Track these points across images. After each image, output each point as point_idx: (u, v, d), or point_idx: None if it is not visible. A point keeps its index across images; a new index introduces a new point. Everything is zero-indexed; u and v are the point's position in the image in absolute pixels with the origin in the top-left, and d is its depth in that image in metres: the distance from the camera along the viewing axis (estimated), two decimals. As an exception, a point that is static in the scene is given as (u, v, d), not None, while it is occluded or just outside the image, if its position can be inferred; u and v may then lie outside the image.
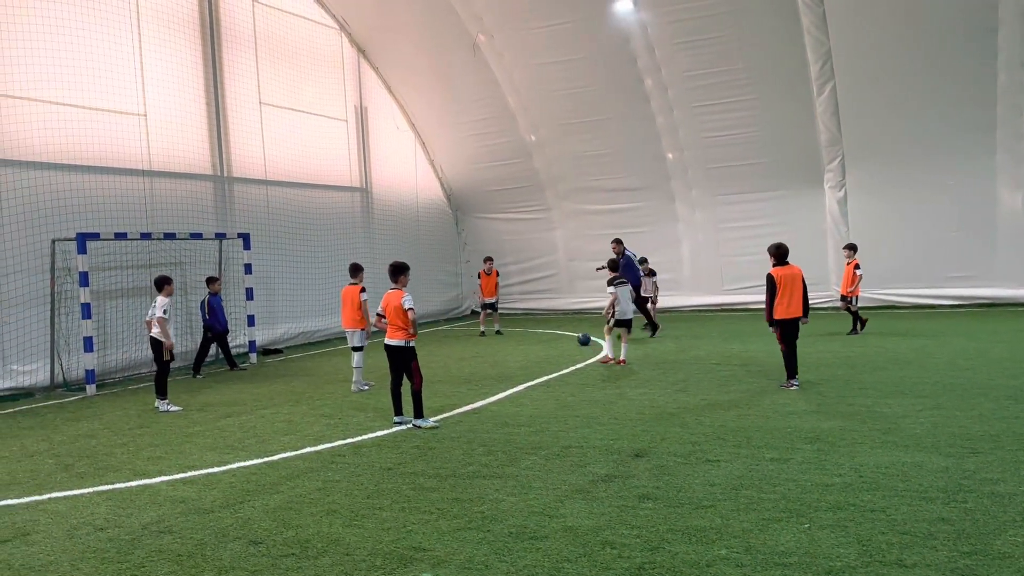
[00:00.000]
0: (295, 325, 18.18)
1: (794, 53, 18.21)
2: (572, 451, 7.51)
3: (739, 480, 6.32)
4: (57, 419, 10.65)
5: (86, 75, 13.83)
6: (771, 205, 20.46)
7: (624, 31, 19.10)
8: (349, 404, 10.66)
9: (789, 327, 10.08)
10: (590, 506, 5.88)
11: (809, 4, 17.27)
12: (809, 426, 8.02)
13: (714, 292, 21.59)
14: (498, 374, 12.65)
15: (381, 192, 21.51)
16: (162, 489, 6.96)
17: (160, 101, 15.23)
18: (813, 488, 6.06)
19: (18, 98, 12.90)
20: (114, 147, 14.33)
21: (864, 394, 9.55)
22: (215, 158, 16.46)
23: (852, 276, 15.31)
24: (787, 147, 19.72)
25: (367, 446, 8.20)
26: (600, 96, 20.43)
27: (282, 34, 18.30)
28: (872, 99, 18.33)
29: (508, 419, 9.13)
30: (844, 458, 6.82)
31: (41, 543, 5.72)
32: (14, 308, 12.73)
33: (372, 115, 21.32)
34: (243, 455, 8.06)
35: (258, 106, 17.58)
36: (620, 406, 9.52)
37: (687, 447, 7.41)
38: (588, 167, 21.94)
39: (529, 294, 24.03)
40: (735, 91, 19.17)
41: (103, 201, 13.94)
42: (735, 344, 14.69)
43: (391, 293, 9.04)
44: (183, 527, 5.89)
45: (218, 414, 10.39)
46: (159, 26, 15.30)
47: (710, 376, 11.35)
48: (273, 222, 17.64)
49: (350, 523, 5.81)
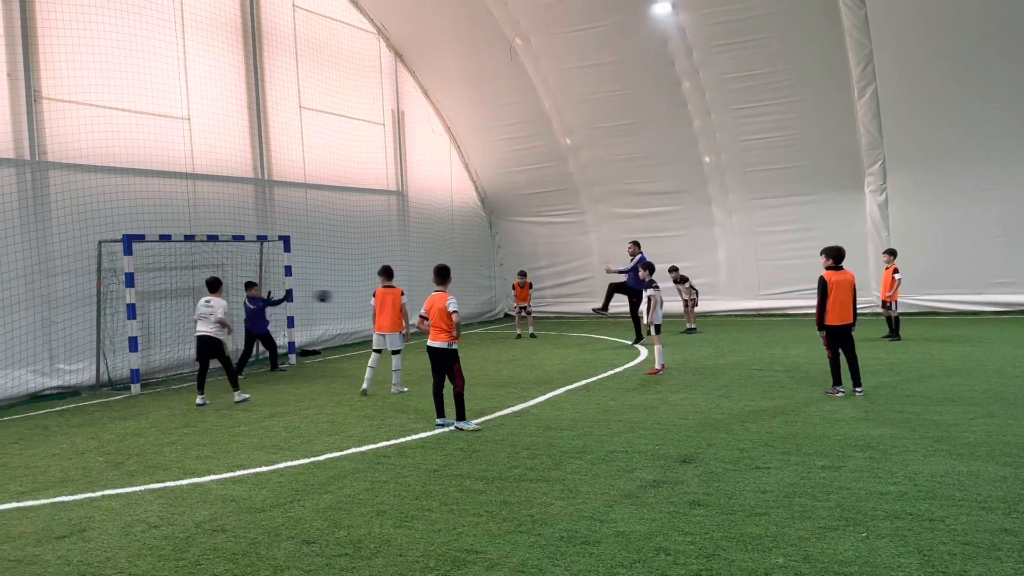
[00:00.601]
0: (332, 327, 18.33)
1: (835, 55, 18.00)
2: (618, 456, 7.47)
3: (791, 488, 6.24)
4: (104, 417, 10.83)
5: (132, 79, 14.09)
6: (810, 209, 20.23)
7: (662, 34, 19.01)
8: (390, 405, 10.71)
9: (838, 333, 9.92)
10: (640, 512, 5.84)
11: (851, 6, 17.06)
12: (859, 433, 7.91)
13: (751, 297, 21.40)
14: (536, 377, 12.64)
15: (416, 195, 21.62)
16: (212, 488, 7.04)
17: (203, 105, 15.46)
18: (868, 496, 5.96)
19: (66, 102, 13.16)
20: (159, 150, 14.57)
21: (912, 401, 9.39)
22: (256, 161, 16.67)
23: (891, 281, 15.11)
24: (827, 150, 19.49)
25: (411, 447, 8.23)
26: (636, 99, 20.36)
27: (321, 39, 18.49)
28: (914, 102, 18.05)
29: (550, 423, 9.11)
30: (897, 466, 6.71)
31: (98, 540, 5.81)
32: (62, 308, 12.98)
33: (408, 119, 21.45)
34: (289, 455, 8.13)
35: (298, 110, 17.77)
36: (662, 411, 9.46)
37: (735, 453, 7.34)
38: (623, 170, 21.86)
39: (562, 298, 23.99)
40: (775, 93, 19.00)
41: (148, 203, 14.18)
42: (775, 349, 14.53)
43: (436, 295, 9.06)
44: (236, 526, 5.95)
45: (262, 414, 10.49)
46: (203, 31, 15.54)
47: (752, 382, 11.24)
48: (311, 225, 17.81)
49: (400, 524, 5.83)
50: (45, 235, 12.78)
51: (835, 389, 9.98)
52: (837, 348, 9.97)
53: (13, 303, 12.27)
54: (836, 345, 9.96)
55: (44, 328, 12.74)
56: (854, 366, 9.98)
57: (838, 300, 9.82)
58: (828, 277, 9.88)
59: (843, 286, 9.84)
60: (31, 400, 12.44)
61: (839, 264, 10.00)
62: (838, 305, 9.82)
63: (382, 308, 11.66)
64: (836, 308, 9.83)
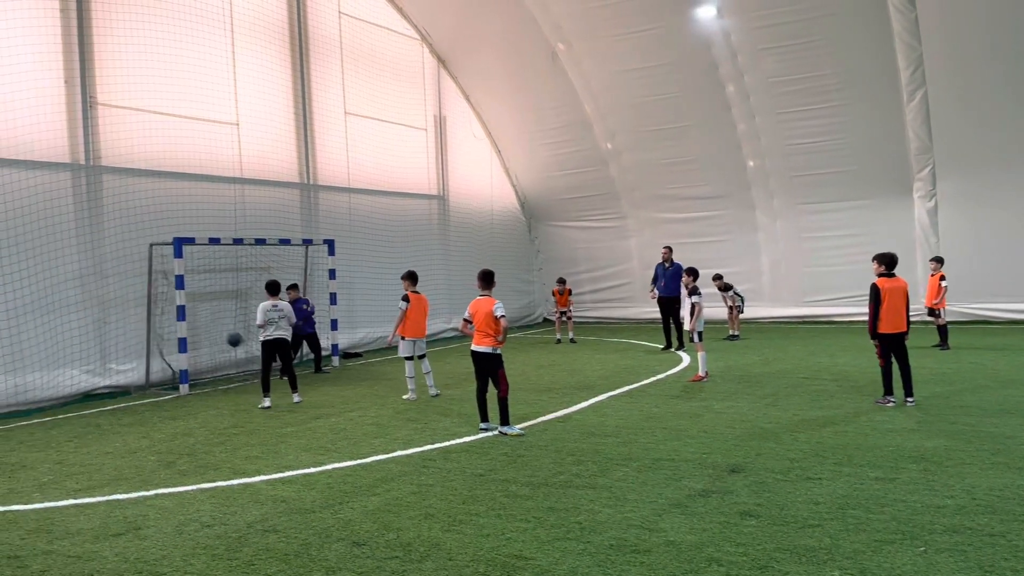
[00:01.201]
0: (374, 330, 18.47)
1: (884, 58, 17.70)
2: (664, 464, 7.41)
3: (844, 499, 6.14)
4: (154, 417, 11.05)
5: (184, 85, 14.38)
6: (857, 215, 19.91)
7: (706, 38, 18.86)
8: (433, 409, 10.76)
9: (891, 342, 9.74)
10: (690, 521, 5.79)
11: (901, 9, 16.76)
12: (912, 445, 7.75)
13: (795, 304, 21.10)
14: (578, 383, 12.60)
15: (457, 200, 21.73)
16: (262, 488, 7.14)
17: (252, 111, 15.73)
18: (924, 509, 5.84)
19: (120, 108, 13.47)
20: (209, 155, 14.85)
21: (966, 412, 9.18)
22: (302, 166, 16.90)
23: (938, 288, 14.82)
24: (875, 155, 19.15)
25: (456, 451, 8.26)
26: (679, 103, 20.22)
27: (367, 45, 18.69)
28: (965, 107, 17.67)
29: (594, 429, 9.07)
30: (953, 479, 6.56)
31: (153, 538, 5.93)
32: (114, 309, 13.28)
33: (450, 124, 21.58)
34: (336, 456, 8.21)
35: (343, 115, 17.98)
36: (708, 419, 9.37)
37: (784, 463, 7.24)
38: (665, 175, 21.73)
39: (602, 302, 23.90)
40: (821, 97, 18.72)
41: (197, 207, 14.44)
42: (822, 358, 14.30)
43: (482, 299, 9.08)
44: (287, 526, 6.03)
45: (308, 415, 10.62)
46: (252, 38, 15.81)
47: (800, 391, 11.07)
48: (355, 229, 18.00)
49: (449, 528, 5.85)
50: (98, 238, 13.09)
51: (886, 399, 9.79)
52: (890, 357, 9.79)
53: (68, 304, 12.58)
54: (888, 354, 9.78)
55: (97, 329, 13.04)
56: (907, 375, 9.78)
57: (891, 308, 9.62)
58: (881, 284, 9.70)
59: (896, 293, 9.65)
60: (84, 399, 12.74)
61: (891, 271, 9.81)
62: (891, 313, 9.62)
63: (420, 313, 11.56)
64: (889, 316, 9.63)
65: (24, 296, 12.00)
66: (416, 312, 11.48)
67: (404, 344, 11.53)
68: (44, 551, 5.71)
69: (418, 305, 11.53)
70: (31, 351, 12.08)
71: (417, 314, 11.50)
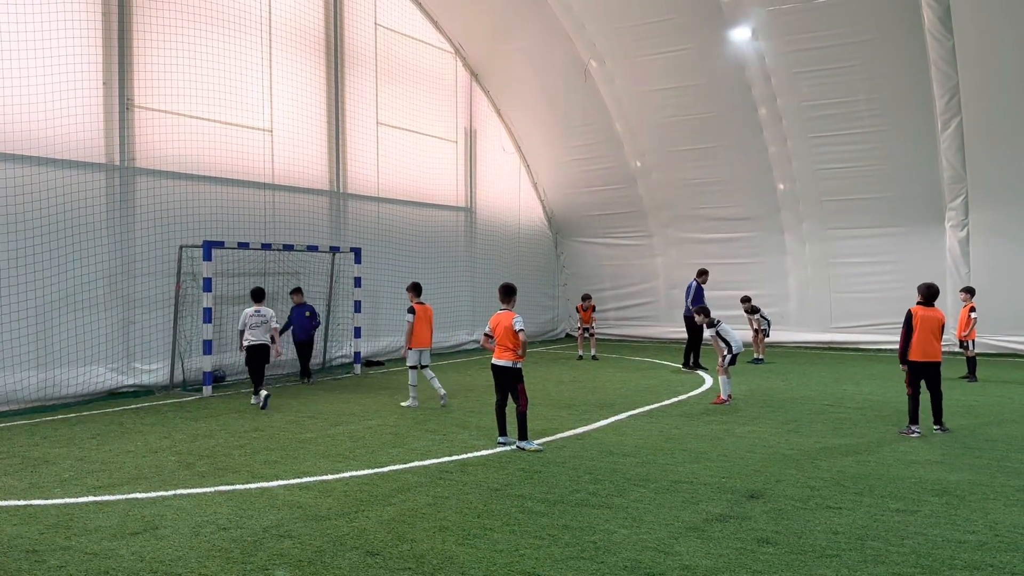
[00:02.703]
0: (397, 339, 18.51)
1: (919, 86, 17.55)
2: (682, 486, 7.35)
3: (863, 530, 6.04)
4: (176, 418, 11.16)
5: (220, 91, 14.60)
6: (887, 242, 19.71)
7: (740, 59, 18.83)
8: (452, 421, 10.76)
9: (921, 371, 9.67)
10: (706, 546, 5.73)
11: (939, 37, 16.62)
12: (935, 477, 7.62)
13: (822, 329, 20.87)
14: (598, 400, 12.55)
15: (484, 212, 21.81)
16: (279, 493, 7.17)
17: (285, 118, 15.93)
18: (945, 544, 5.73)
19: (157, 111, 13.71)
20: (242, 160, 15.05)
21: (992, 447, 9.01)
22: (332, 175, 17.07)
23: (967, 320, 14.62)
24: (907, 182, 18.97)
25: (473, 464, 8.25)
26: (710, 124, 20.18)
27: (401, 57, 18.89)
28: (1000, 137, 17.47)
29: (612, 448, 9.02)
30: (976, 514, 6.44)
31: (169, 538, 5.97)
32: (140, 309, 13.46)
33: (481, 137, 21.70)
34: (354, 464, 8.23)
35: (375, 126, 18.15)
36: (728, 443, 9.28)
37: (805, 491, 7.14)
38: (694, 195, 21.67)
39: (625, 320, 23.82)
40: (854, 123, 18.59)
41: (228, 211, 14.64)
42: (848, 385, 14.12)
43: (502, 314, 9.09)
44: (302, 532, 6.05)
45: (328, 422, 10.67)
46: (288, 46, 16.03)
47: (823, 418, 10.94)
48: (382, 238, 18.12)
49: (463, 541, 5.84)
50: (129, 238, 13.29)
51: (910, 429, 9.65)
52: (918, 386, 9.69)
53: (96, 302, 12.77)
54: (917, 383, 9.68)
55: (123, 328, 13.22)
56: (938, 404, 9.79)
57: (923, 336, 9.64)
58: (915, 311, 9.73)
59: (929, 322, 9.67)
60: (108, 397, 12.90)
61: (931, 302, 9.82)
62: (923, 341, 9.64)
63: (429, 324, 11.94)
64: (920, 344, 9.64)
65: (54, 292, 12.21)
66: (422, 323, 11.80)
67: (411, 354, 11.81)
68: (62, 547, 5.77)
69: (423, 316, 11.84)
70: (59, 347, 12.27)
71: (423, 325, 11.80)
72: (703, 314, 12.59)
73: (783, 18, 17.73)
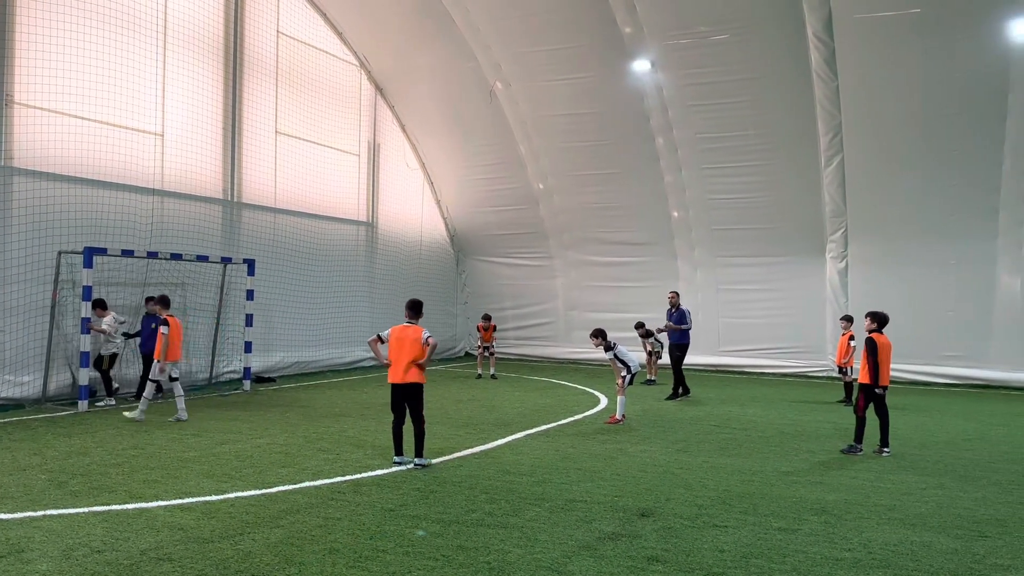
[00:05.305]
0: (290, 354, 18.06)
1: (805, 124, 18.52)
2: (577, 505, 7.42)
3: (748, 548, 6.25)
4: (48, 433, 10.48)
5: (108, 91, 13.94)
6: (772, 270, 20.62)
7: (639, 90, 19.40)
8: (346, 439, 10.53)
9: (876, 395, 10.35)
10: (598, 564, 5.79)
11: (824, 78, 17.61)
12: (814, 497, 7.97)
13: (711, 352, 21.58)
14: (496, 419, 12.56)
15: (386, 228, 21.59)
16: (159, 514, 6.82)
17: (178, 122, 15.34)
18: (823, 561, 5.99)
19: (38, 108, 12.96)
20: (129, 164, 14.39)
21: (867, 468, 9.51)
22: (226, 183, 16.52)
23: (847, 347, 15.43)
24: (791, 215, 19.94)
25: (367, 484, 8.08)
26: (611, 151, 20.68)
27: (303, 67, 18.53)
28: (879, 174, 18.60)
29: (509, 467, 9.03)
30: (852, 532, 6.77)
31: (37, 562, 5.58)
32: (13, 317, 12.61)
33: (384, 152, 21.51)
34: (240, 485, 7.92)
35: (274, 135, 17.71)
36: (621, 462, 9.44)
37: (693, 509, 7.34)
38: (594, 219, 22.11)
39: (525, 340, 23.98)
40: (744, 156, 19.43)
41: (112, 217, 13.93)
42: (733, 407, 14.64)
43: (407, 327, 8.98)
44: (183, 556, 5.76)
45: (213, 440, 10.24)
46: (184, 49, 15.48)
47: (710, 438, 11.29)
48: (278, 250, 17.64)
49: (354, 564, 5.70)
50: (3, 242, 12.46)
51: (854, 448, 10.31)
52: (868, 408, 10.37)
53: (-37, 309, 11.89)
54: (870, 405, 10.36)
55: (-8, 336, 12.35)
56: (885, 428, 10.46)
57: (884, 362, 10.34)
58: (878, 339, 10.42)
59: (887, 349, 10.45)
60: (-29, 410, 12.01)
61: (882, 329, 10.57)
62: (884, 367, 10.33)
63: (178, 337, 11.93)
64: (885, 370, 10.35)
65: (-85, 297, 11.29)
66: (175, 336, 11.70)
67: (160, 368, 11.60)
68: (-88, 573, 5.31)
69: (176, 329, 11.74)
70: (-83, 356, 11.34)
71: (176, 338, 11.71)
72: (599, 337, 12.72)
73: (680, 53, 18.40)
